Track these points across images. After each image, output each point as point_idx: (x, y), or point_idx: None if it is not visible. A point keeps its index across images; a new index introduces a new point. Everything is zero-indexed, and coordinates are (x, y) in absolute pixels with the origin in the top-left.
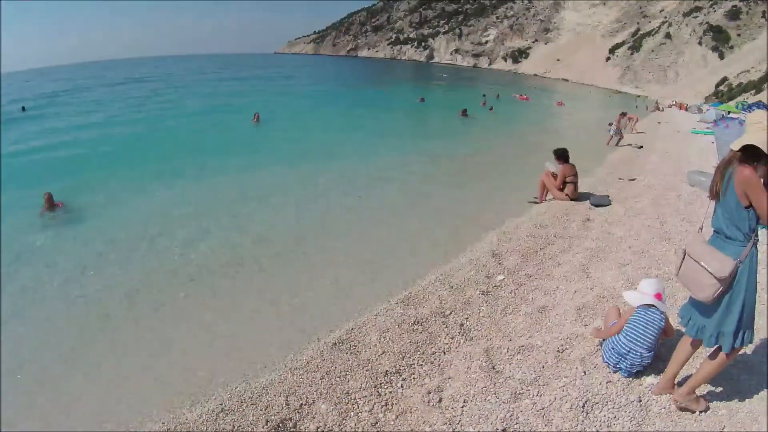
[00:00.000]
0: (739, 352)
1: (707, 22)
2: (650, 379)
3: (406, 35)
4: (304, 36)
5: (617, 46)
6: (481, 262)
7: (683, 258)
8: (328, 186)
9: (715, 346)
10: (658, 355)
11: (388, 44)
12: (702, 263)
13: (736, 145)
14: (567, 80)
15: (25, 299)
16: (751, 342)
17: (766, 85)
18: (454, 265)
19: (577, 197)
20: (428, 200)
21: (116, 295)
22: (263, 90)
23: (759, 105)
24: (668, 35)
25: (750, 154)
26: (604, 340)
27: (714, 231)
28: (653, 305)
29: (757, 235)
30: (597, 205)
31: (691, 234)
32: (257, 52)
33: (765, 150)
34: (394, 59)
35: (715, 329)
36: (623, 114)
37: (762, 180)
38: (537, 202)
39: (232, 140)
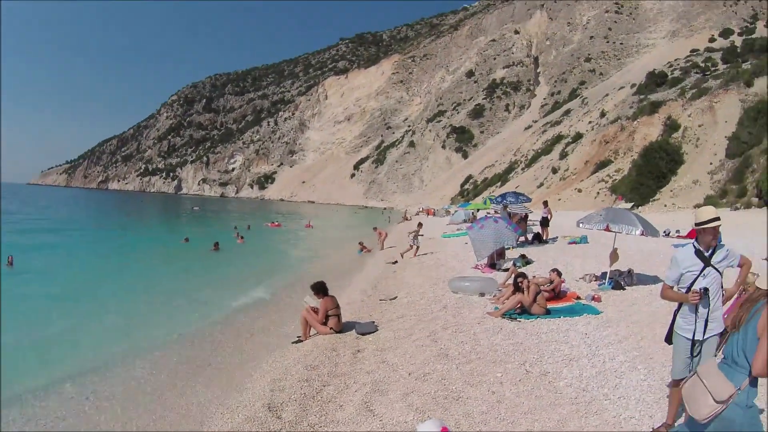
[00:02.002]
0: None
1: (450, 125)
2: None
3: (155, 165)
4: (56, 166)
5: (361, 161)
6: (260, 419)
7: (693, 374)
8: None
9: None
10: None
11: (137, 175)
12: (705, 383)
13: (761, 283)
14: (313, 202)
15: None
16: None
17: (511, 175)
18: (231, 425)
19: (342, 329)
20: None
21: None
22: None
23: (506, 196)
24: (412, 143)
25: None
26: None
27: (724, 357)
28: None
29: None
30: (364, 334)
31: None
32: (8, 181)
33: None
34: (144, 191)
35: None
36: (375, 229)
37: None
38: (302, 341)
39: None
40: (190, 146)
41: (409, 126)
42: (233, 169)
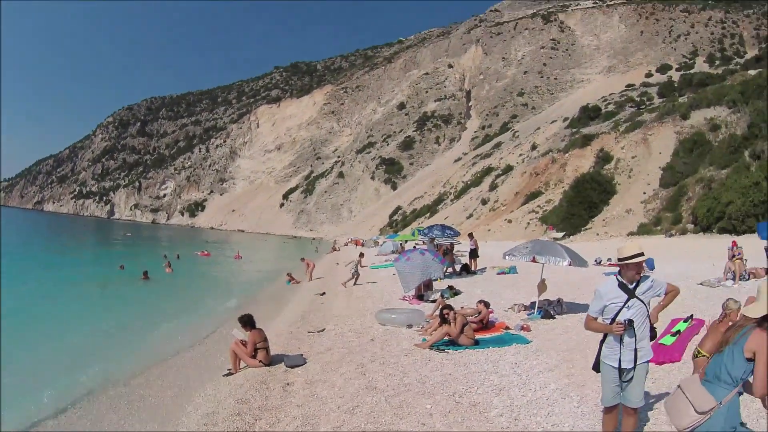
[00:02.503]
0: None
1: (380, 156)
2: None
3: (88, 188)
4: None
5: (291, 191)
6: None
7: (676, 389)
8: None
9: None
10: None
11: (72, 198)
12: (688, 395)
13: (751, 313)
14: (243, 231)
15: None
16: None
17: (440, 206)
18: None
19: (271, 361)
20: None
21: None
22: None
23: (432, 229)
24: (341, 174)
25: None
26: None
27: (705, 375)
28: None
29: (743, 386)
30: (293, 366)
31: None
32: None
33: None
34: (78, 215)
35: None
36: (302, 259)
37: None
38: (232, 373)
39: None
40: (123, 170)
41: (338, 157)
42: (164, 196)
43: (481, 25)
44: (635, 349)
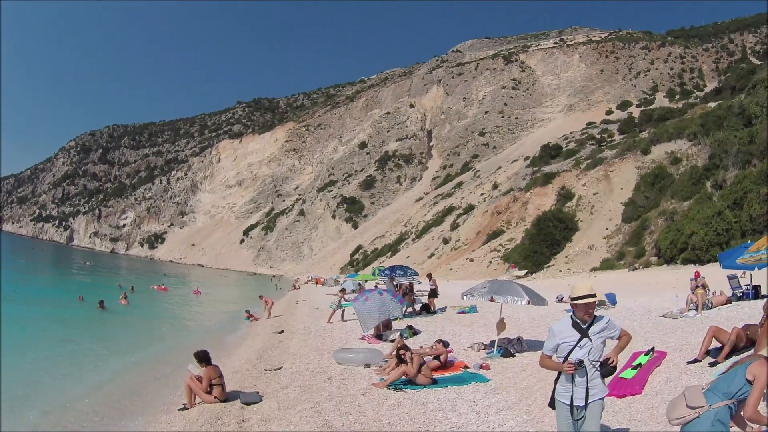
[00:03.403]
0: None
1: (341, 195)
2: None
3: (48, 212)
4: None
5: (251, 227)
6: None
7: (680, 394)
8: None
9: None
10: None
11: (31, 220)
12: (686, 394)
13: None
14: (202, 265)
15: None
16: None
17: (401, 245)
18: None
19: (227, 398)
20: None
21: None
22: None
23: (394, 269)
24: (302, 212)
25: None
26: None
27: (709, 386)
28: None
29: (735, 402)
30: (248, 403)
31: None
32: None
33: None
34: (36, 238)
35: None
36: (261, 297)
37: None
38: (187, 408)
39: None
40: (83, 196)
41: (300, 194)
42: (124, 225)
43: (442, 65)
44: (587, 388)
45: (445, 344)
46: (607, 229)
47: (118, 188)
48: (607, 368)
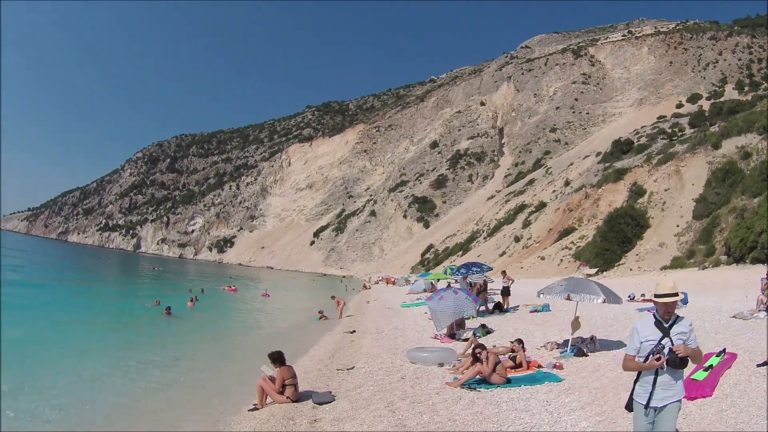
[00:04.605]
0: None
1: (413, 195)
2: None
3: (115, 221)
4: (18, 212)
5: (322, 229)
6: None
7: None
8: None
9: None
10: None
11: (98, 230)
12: None
13: None
14: (272, 268)
15: None
16: None
17: (473, 244)
18: None
19: (299, 398)
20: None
21: None
22: None
23: (468, 267)
24: (373, 213)
25: None
26: None
27: None
28: None
29: None
30: (321, 403)
31: None
32: None
33: None
34: (103, 247)
35: None
36: (333, 297)
37: None
38: (258, 409)
39: None
40: (151, 205)
41: (371, 195)
42: (193, 231)
43: (512, 62)
44: (666, 388)
45: (520, 343)
46: (677, 226)
47: (186, 195)
48: (674, 356)
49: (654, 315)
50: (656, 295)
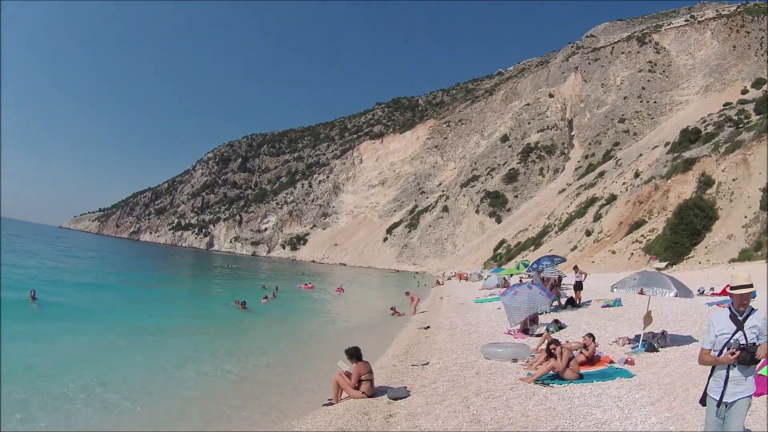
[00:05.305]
0: None
1: (484, 190)
2: None
3: (187, 220)
4: (89, 212)
5: (395, 225)
6: None
7: None
8: None
9: None
10: None
11: (170, 229)
12: None
13: None
14: (345, 264)
15: None
16: None
17: (544, 239)
18: None
19: (374, 393)
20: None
21: None
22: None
23: (541, 261)
24: (446, 208)
25: None
26: None
27: None
28: None
29: None
30: (396, 398)
31: None
32: (38, 222)
33: None
34: (175, 245)
35: None
36: (407, 293)
37: None
38: (333, 404)
39: None
40: (223, 204)
41: (443, 191)
42: (266, 229)
43: (578, 51)
44: (737, 383)
45: (593, 338)
46: (746, 217)
47: (259, 194)
48: (745, 353)
49: (729, 308)
50: (732, 287)
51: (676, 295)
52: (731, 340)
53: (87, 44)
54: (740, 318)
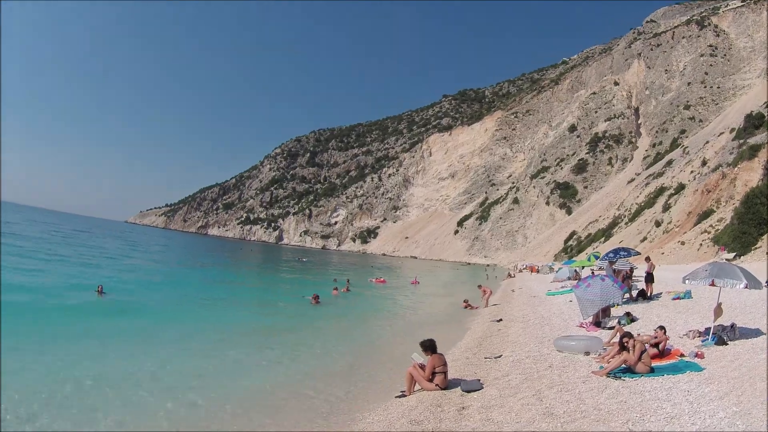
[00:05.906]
0: None
1: (554, 181)
2: None
3: (256, 215)
4: (156, 207)
5: (465, 218)
6: None
7: None
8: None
9: None
10: None
11: (238, 223)
12: None
13: None
14: (415, 257)
15: None
16: None
17: (614, 230)
18: None
19: (447, 386)
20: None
21: None
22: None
23: (616, 252)
24: (516, 200)
25: None
26: None
27: None
28: None
29: None
30: (469, 391)
31: None
32: (105, 217)
33: None
34: (244, 239)
35: None
36: (479, 286)
37: None
38: (405, 395)
39: None
40: (292, 198)
41: (513, 182)
42: (336, 223)
43: (640, 37)
44: None
45: (664, 331)
46: None
47: (328, 188)
48: None
49: None
50: None
51: (746, 287)
52: None
53: (159, 44)
54: None
